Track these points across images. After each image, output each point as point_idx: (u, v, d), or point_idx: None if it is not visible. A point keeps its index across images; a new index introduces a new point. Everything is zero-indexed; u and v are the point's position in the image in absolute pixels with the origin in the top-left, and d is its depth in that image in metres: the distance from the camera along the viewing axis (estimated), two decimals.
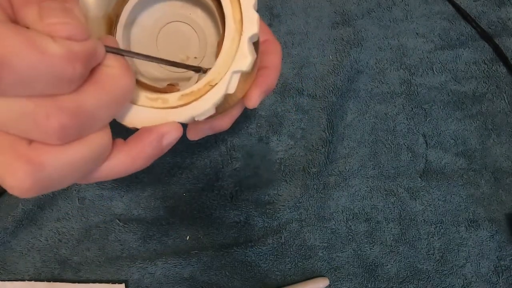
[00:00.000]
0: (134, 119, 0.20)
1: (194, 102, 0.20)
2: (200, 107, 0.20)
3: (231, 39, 0.21)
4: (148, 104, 0.21)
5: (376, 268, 0.41)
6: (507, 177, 0.44)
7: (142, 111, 0.20)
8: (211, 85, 0.20)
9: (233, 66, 0.20)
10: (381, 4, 0.53)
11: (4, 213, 0.43)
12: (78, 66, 0.16)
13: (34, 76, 0.15)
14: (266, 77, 0.26)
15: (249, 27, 0.20)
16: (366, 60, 0.50)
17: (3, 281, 0.41)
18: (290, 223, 0.43)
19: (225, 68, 0.21)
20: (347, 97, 0.48)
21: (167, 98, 0.20)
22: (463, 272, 0.41)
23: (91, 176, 0.19)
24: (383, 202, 0.44)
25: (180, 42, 0.24)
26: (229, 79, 0.20)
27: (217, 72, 0.20)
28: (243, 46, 0.20)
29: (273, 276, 0.41)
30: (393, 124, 0.47)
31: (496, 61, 0.50)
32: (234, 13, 0.21)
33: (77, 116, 0.16)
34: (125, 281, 0.41)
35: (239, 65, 0.20)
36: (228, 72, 0.20)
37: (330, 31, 0.52)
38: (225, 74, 0.20)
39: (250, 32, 0.20)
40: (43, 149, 0.16)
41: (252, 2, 0.21)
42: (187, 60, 0.23)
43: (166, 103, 0.20)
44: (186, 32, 0.24)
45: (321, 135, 0.46)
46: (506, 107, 0.47)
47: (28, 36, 0.15)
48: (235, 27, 0.21)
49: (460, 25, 0.52)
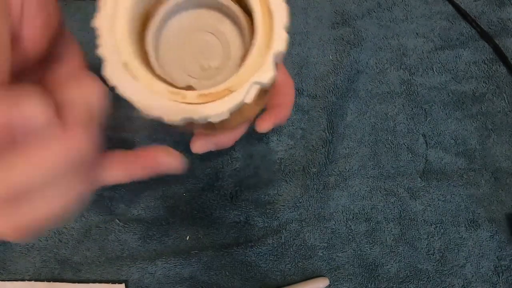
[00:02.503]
0: (152, 106, 0.21)
1: (211, 103, 0.21)
2: (216, 109, 0.21)
3: (258, 52, 0.22)
4: (167, 96, 0.21)
5: (376, 268, 0.41)
6: (507, 177, 0.44)
7: (160, 100, 0.21)
8: (230, 91, 0.21)
9: (255, 77, 0.21)
10: (381, 4, 0.53)
11: None
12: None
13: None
14: (278, 113, 0.28)
15: (278, 45, 0.22)
16: (366, 60, 0.50)
17: (3, 281, 0.41)
18: (290, 223, 0.43)
19: (247, 78, 0.22)
20: (347, 97, 0.48)
21: (186, 94, 0.22)
22: (463, 272, 0.41)
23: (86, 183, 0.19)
24: (383, 202, 0.44)
25: (204, 50, 0.25)
26: (249, 88, 0.21)
27: (238, 81, 0.22)
28: (269, 60, 0.22)
29: (273, 276, 0.41)
30: (393, 124, 0.47)
31: (496, 61, 0.50)
32: (265, 28, 0.22)
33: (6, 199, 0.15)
34: (125, 281, 0.41)
35: (261, 78, 0.21)
36: (249, 82, 0.21)
37: (330, 31, 0.52)
38: (246, 83, 0.22)
39: (278, 49, 0.22)
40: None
41: (284, 22, 0.22)
42: (208, 69, 0.24)
43: (185, 99, 0.21)
44: (212, 42, 0.25)
45: (321, 135, 0.46)
46: (506, 107, 0.48)
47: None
48: (264, 42, 0.22)
49: (460, 25, 0.52)
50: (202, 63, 0.25)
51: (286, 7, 0.22)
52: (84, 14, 0.53)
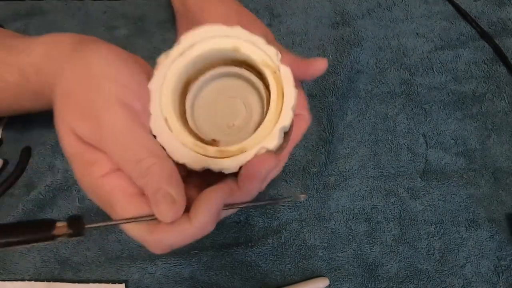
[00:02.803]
0: (180, 157, 0.28)
1: (226, 159, 0.28)
2: (229, 164, 0.27)
3: (268, 124, 0.28)
4: (192, 148, 0.28)
5: (376, 268, 0.41)
6: (507, 177, 0.44)
7: (187, 151, 0.28)
8: (242, 151, 0.28)
9: (263, 143, 0.28)
10: (381, 4, 0.53)
11: (4, 213, 0.43)
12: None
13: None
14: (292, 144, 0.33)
15: (284, 121, 0.28)
16: (366, 60, 0.50)
17: (3, 281, 0.41)
18: (290, 223, 0.43)
19: (257, 143, 0.28)
20: (347, 97, 0.48)
21: (208, 149, 0.28)
22: (463, 272, 0.41)
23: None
24: (383, 202, 0.44)
25: (231, 112, 0.31)
26: (257, 151, 0.28)
27: (250, 144, 0.28)
28: (275, 131, 0.28)
29: (273, 276, 0.41)
30: (393, 124, 0.47)
31: (496, 61, 0.50)
32: (277, 107, 0.28)
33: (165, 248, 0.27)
34: (125, 281, 0.41)
35: (268, 144, 0.28)
36: (258, 146, 0.28)
37: (330, 31, 0.52)
38: (256, 147, 0.28)
39: (284, 124, 0.28)
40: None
41: (292, 104, 0.28)
42: (232, 127, 0.30)
43: (206, 152, 0.28)
44: (238, 106, 0.31)
45: (321, 135, 0.46)
46: (506, 107, 0.47)
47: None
48: (274, 118, 0.28)
49: (460, 25, 0.52)
50: (228, 122, 0.31)
51: (296, 92, 0.29)
52: (84, 14, 0.53)
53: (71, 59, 0.28)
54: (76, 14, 0.53)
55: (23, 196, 0.44)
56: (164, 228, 0.26)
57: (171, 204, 0.25)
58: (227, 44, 0.29)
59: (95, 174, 0.26)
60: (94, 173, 0.26)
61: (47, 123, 0.47)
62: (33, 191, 0.44)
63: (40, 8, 0.53)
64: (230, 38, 0.30)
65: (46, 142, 0.46)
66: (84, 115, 0.26)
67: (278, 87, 0.29)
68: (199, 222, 0.25)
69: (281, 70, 0.29)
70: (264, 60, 0.29)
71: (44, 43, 0.32)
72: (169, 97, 0.29)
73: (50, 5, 0.54)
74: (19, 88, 0.33)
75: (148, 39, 0.51)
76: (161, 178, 0.25)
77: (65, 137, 0.27)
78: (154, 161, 0.26)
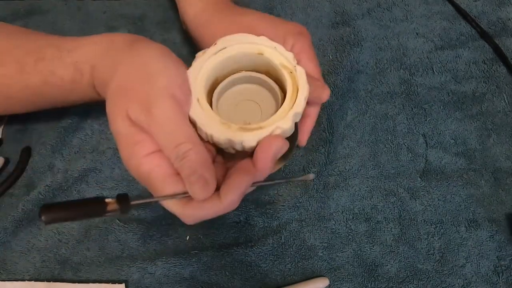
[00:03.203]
0: (209, 128, 0.32)
1: (247, 133, 0.32)
2: (248, 137, 0.32)
3: (285, 109, 0.33)
4: (219, 123, 0.33)
5: (376, 268, 0.41)
6: (507, 177, 0.44)
7: (214, 125, 0.32)
8: (260, 127, 0.32)
9: (279, 123, 0.32)
10: (381, 4, 0.53)
11: (4, 213, 0.43)
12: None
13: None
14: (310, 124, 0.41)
15: (298, 108, 0.33)
16: (366, 60, 0.50)
17: (3, 281, 0.41)
18: (290, 223, 0.43)
19: (274, 123, 0.32)
20: (347, 97, 0.48)
21: (231, 125, 0.32)
22: (463, 272, 0.41)
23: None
24: (383, 202, 0.44)
25: (247, 112, 0.36)
26: (273, 129, 0.32)
27: (268, 123, 0.32)
28: (289, 116, 0.33)
29: (273, 276, 0.41)
30: (393, 124, 0.47)
31: (496, 61, 0.50)
32: (292, 97, 0.34)
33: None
34: (125, 281, 0.41)
35: (282, 125, 0.32)
36: (274, 125, 0.32)
37: (330, 31, 0.52)
38: (272, 126, 0.32)
39: (297, 110, 0.33)
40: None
41: (305, 95, 0.33)
42: (248, 125, 0.33)
43: (229, 127, 0.32)
44: (254, 108, 0.36)
45: (321, 135, 0.46)
46: (506, 107, 0.48)
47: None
48: (289, 105, 0.33)
49: (460, 25, 0.52)
50: (245, 119, 0.35)
51: (308, 87, 0.34)
52: (84, 14, 0.53)
53: (128, 56, 0.33)
54: (76, 14, 0.53)
55: (23, 196, 0.44)
56: (197, 204, 0.30)
57: (205, 185, 0.30)
58: (253, 49, 0.35)
59: (140, 153, 0.31)
60: (139, 151, 0.31)
61: (47, 123, 0.47)
62: (33, 191, 0.44)
63: (40, 8, 0.53)
64: (256, 45, 0.35)
65: (46, 142, 0.46)
66: (139, 102, 0.30)
67: (294, 83, 0.34)
68: (228, 201, 0.30)
69: (297, 70, 0.34)
70: (282, 63, 0.35)
71: (98, 43, 0.36)
72: (202, 84, 0.34)
73: (49, 4, 0.54)
74: (73, 85, 0.37)
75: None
76: (196, 162, 0.30)
77: (118, 118, 0.31)
78: (190, 147, 0.30)
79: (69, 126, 0.47)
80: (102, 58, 0.35)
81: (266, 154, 0.31)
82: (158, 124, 0.30)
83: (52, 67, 0.36)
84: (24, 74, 0.37)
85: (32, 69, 0.37)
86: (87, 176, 0.45)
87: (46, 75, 0.36)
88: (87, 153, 0.46)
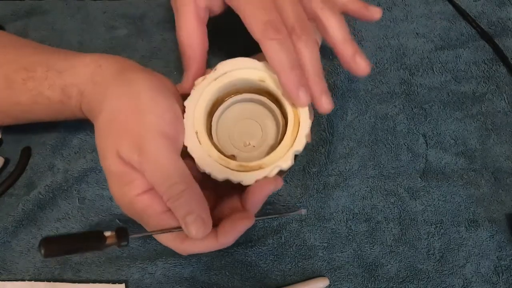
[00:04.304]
0: (207, 166, 0.32)
1: (245, 172, 0.32)
2: (247, 177, 0.32)
3: (284, 147, 0.33)
4: (217, 161, 0.32)
5: (376, 268, 0.41)
6: (507, 177, 0.44)
7: (212, 163, 0.32)
8: (260, 168, 0.32)
9: (279, 162, 0.32)
10: (381, 4, 0.53)
11: (4, 213, 0.43)
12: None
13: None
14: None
15: (298, 146, 0.33)
16: None
17: (3, 281, 0.41)
18: (290, 223, 0.43)
19: (273, 162, 0.32)
20: (347, 97, 0.48)
21: (230, 162, 0.32)
22: (463, 272, 0.41)
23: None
24: (383, 202, 0.44)
25: (248, 132, 0.36)
26: (272, 169, 0.32)
27: (268, 162, 0.32)
28: (289, 154, 0.33)
29: (273, 276, 0.41)
30: (393, 124, 0.47)
31: (496, 61, 0.50)
32: (293, 133, 0.33)
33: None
34: (125, 281, 0.41)
35: (282, 164, 0.32)
36: (274, 165, 0.32)
37: None
38: (271, 165, 0.32)
39: (297, 149, 0.33)
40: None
41: (306, 132, 0.33)
42: (248, 146, 0.34)
43: (228, 165, 0.32)
44: (255, 127, 0.36)
45: (321, 135, 0.46)
46: (506, 107, 0.48)
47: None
48: (290, 142, 0.33)
49: (460, 25, 0.52)
50: (245, 141, 0.36)
51: (310, 123, 0.33)
52: (84, 14, 0.53)
53: (117, 86, 0.33)
54: (76, 14, 0.53)
55: (23, 196, 0.44)
56: (193, 242, 0.32)
57: (202, 225, 0.30)
58: (255, 75, 0.34)
59: (132, 193, 0.31)
60: (130, 191, 0.31)
61: (47, 124, 0.47)
62: (33, 191, 0.44)
63: (40, 8, 0.53)
64: (258, 70, 0.34)
65: (46, 142, 0.46)
66: (130, 140, 0.30)
67: (295, 117, 0.33)
68: (225, 242, 0.31)
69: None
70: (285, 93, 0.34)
71: (87, 66, 0.34)
72: (201, 114, 0.33)
73: (50, 5, 0.54)
74: (62, 105, 0.36)
75: (148, 39, 0.51)
76: (191, 203, 0.30)
77: (109, 156, 0.31)
78: (184, 188, 0.30)
79: (69, 126, 0.47)
80: (89, 85, 0.34)
81: (256, 199, 0.32)
82: (150, 163, 0.30)
83: (40, 88, 0.35)
84: (13, 91, 0.36)
85: (21, 87, 0.36)
86: (87, 176, 0.45)
87: (34, 94, 0.35)
88: (87, 153, 0.46)
